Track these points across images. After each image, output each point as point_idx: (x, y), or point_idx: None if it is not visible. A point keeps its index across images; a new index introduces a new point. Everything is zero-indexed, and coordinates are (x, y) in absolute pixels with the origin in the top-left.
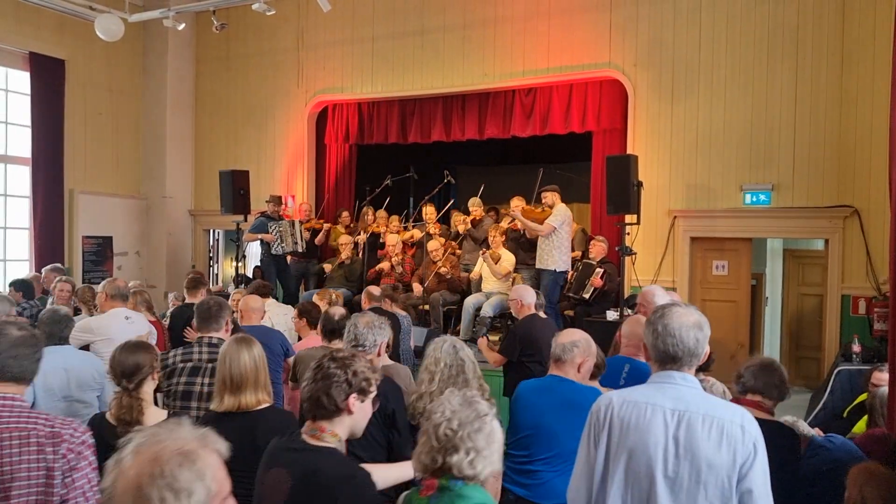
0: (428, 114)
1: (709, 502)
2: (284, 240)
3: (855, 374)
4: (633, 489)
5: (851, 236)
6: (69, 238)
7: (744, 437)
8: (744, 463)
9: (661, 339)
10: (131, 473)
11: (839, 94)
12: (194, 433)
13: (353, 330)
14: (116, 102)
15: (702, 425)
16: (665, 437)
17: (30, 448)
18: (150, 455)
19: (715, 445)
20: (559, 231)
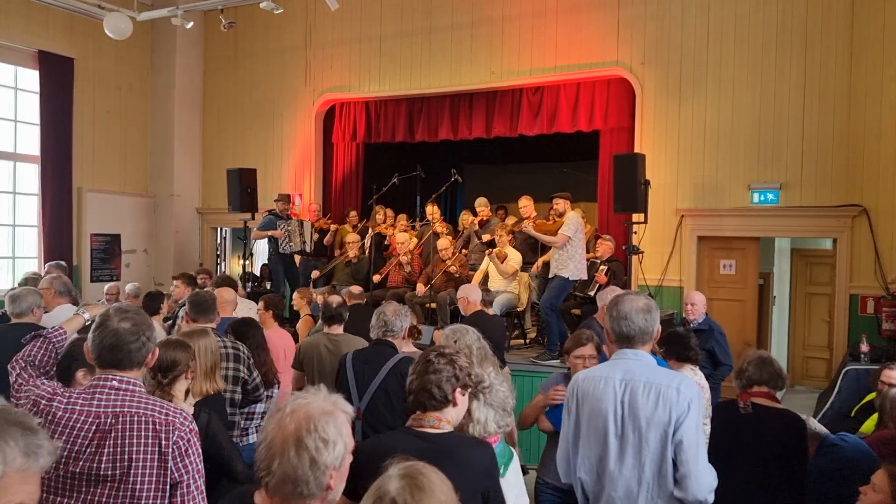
0: (435, 112)
1: (651, 453)
2: (293, 238)
3: (863, 373)
4: (592, 448)
5: (860, 235)
6: (77, 236)
7: (679, 398)
8: (678, 418)
9: (616, 322)
10: (291, 427)
11: (848, 92)
12: (330, 398)
13: (382, 317)
14: (125, 101)
15: (643, 391)
16: (614, 402)
17: (148, 433)
18: (303, 414)
19: (653, 406)
20: (573, 239)
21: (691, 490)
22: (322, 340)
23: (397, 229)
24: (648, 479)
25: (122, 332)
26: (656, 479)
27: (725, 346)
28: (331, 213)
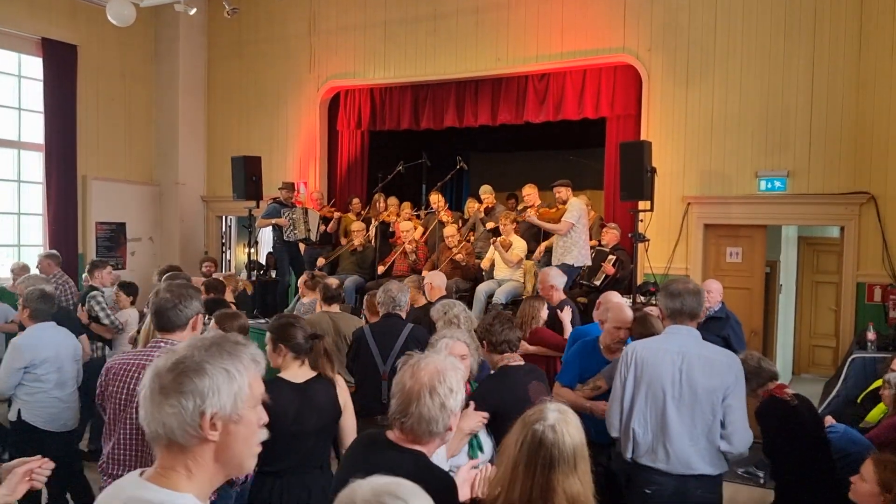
0: (441, 99)
1: (702, 413)
2: (297, 227)
3: (869, 361)
4: (650, 407)
5: (867, 223)
6: (83, 224)
7: (728, 370)
8: (727, 387)
9: (670, 301)
10: (425, 379)
11: (856, 78)
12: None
13: (389, 294)
14: (129, 88)
15: (699, 362)
16: (672, 370)
17: None
18: (433, 368)
19: (707, 376)
20: (577, 226)
21: (736, 444)
22: (324, 318)
23: (402, 218)
24: (699, 435)
25: (161, 301)
26: (706, 434)
27: (741, 334)
28: (335, 201)
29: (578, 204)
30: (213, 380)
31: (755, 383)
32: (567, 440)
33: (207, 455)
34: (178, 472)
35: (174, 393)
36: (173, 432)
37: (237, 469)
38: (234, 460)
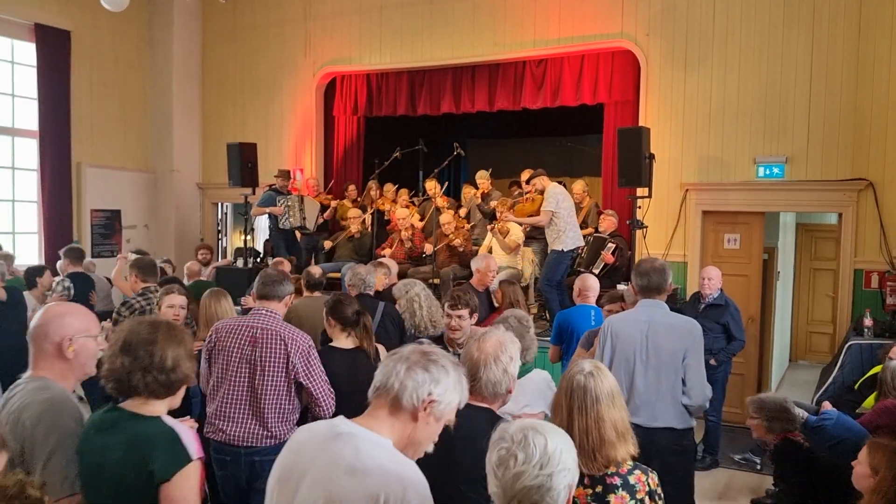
0: (437, 85)
1: (666, 372)
2: (292, 214)
3: (866, 348)
4: (622, 369)
5: (865, 210)
6: (77, 211)
7: (688, 335)
8: (687, 349)
9: (639, 278)
10: (489, 349)
11: (856, 64)
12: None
13: (359, 276)
14: (123, 75)
15: (664, 329)
16: (640, 336)
17: (277, 343)
18: (495, 340)
19: (670, 339)
20: (558, 212)
21: (695, 398)
22: (308, 301)
23: (398, 205)
24: (664, 392)
25: (267, 274)
26: (670, 391)
27: (740, 321)
28: (331, 187)
29: (554, 190)
30: (448, 382)
31: (778, 426)
32: (603, 382)
33: (406, 427)
34: (381, 422)
35: (422, 369)
36: (402, 394)
37: (414, 450)
38: (418, 446)
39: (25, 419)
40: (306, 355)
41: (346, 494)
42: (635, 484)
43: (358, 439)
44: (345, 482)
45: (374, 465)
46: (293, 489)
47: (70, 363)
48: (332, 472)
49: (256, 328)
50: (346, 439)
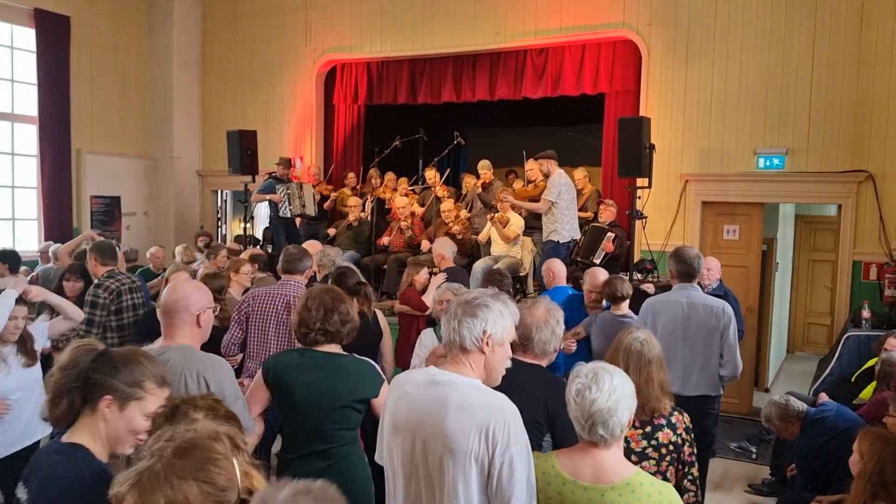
0: (438, 74)
1: (702, 347)
2: (292, 202)
3: (864, 339)
4: (665, 343)
5: (865, 201)
6: (77, 198)
7: (723, 314)
8: (724, 326)
9: (679, 265)
10: (539, 314)
11: (857, 56)
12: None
13: (329, 257)
14: (122, 61)
15: (702, 309)
16: (682, 315)
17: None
18: (542, 307)
19: (707, 318)
20: (558, 203)
21: (731, 370)
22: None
23: (398, 193)
24: (700, 363)
25: (290, 251)
26: (706, 363)
27: (739, 312)
28: (332, 175)
29: (558, 179)
30: (493, 314)
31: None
32: (654, 349)
33: (480, 361)
34: (464, 366)
35: (470, 317)
36: (465, 342)
37: (494, 375)
38: (494, 371)
39: (210, 382)
40: None
41: (460, 428)
42: (676, 423)
43: (455, 383)
44: (457, 419)
45: (478, 401)
46: (412, 432)
47: (201, 332)
48: (445, 412)
49: (289, 296)
50: (445, 385)
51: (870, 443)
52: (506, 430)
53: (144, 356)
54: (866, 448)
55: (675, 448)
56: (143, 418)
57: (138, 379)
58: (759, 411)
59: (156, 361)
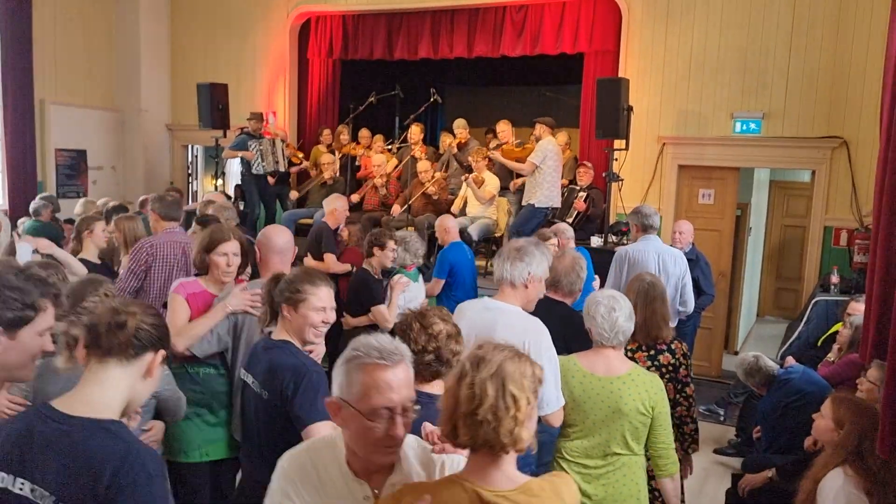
0: (415, 29)
1: (670, 289)
2: (265, 158)
3: (832, 304)
4: None
5: (838, 168)
6: (41, 150)
7: (683, 260)
8: (683, 271)
9: (642, 219)
10: (567, 262)
11: (836, 21)
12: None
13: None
14: (87, 7)
15: (668, 257)
16: (655, 263)
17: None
18: (570, 257)
19: (674, 265)
20: (542, 168)
21: (689, 306)
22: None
23: (374, 151)
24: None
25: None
26: (673, 300)
27: (710, 276)
28: (302, 144)
29: (547, 144)
30: (536, 259)
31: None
32: (657, 288)
33: (522, 294)
34: (510, 297)
35: (518, 261)
36: (514, 279)
37: (531, 304)
38: (531, 302)
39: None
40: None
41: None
42: (675, 349)
43: (503, 310)
44: (502, 334)
45: (519, 323)
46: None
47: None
48: (493, 331)
49: (183, 242)
50: (495, 310)
51: (850, 412)
52: (538, 344)
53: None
54: (846, 417)
55: (673, 369)
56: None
57: (300, 288)
58: (728, 374)
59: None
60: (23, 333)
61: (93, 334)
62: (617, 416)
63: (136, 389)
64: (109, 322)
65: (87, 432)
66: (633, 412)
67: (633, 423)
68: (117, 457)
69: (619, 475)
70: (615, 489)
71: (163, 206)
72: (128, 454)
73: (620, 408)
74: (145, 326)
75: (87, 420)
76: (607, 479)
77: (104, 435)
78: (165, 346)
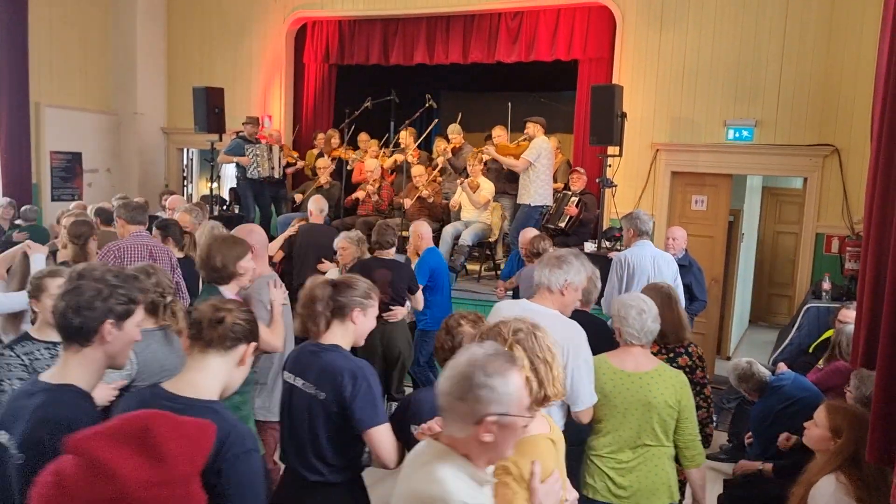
0: (411, 35)
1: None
2: (261, 164)
3: (823, 311)
4: (637, 287)
5: (830, 175)
6: (37, 153)
7: (675, 264)
8: (676, 272)
9: (637, 224)
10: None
11: (828, 29)
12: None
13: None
14: (84, 10)
15: (661, 260)
16: (651, 266)
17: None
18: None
19: (667, 268)
20: (536, 165)
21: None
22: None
23: (368, 155)
24: None
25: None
26: None
27: (702, 282)
28: (298, 146)
29: (540, 143)
30: (574, 268)
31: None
32: (675, 291)
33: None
34: (547, 301)
35: (557, 268)
36: (552, 285)
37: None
38: (568, 307)
39: None
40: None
41: None
42: (692, 352)
43: (541, 313)
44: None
45: (558, 324)
46: None
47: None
48: None
49: (149, 245)
50: (533, 312)
51: (848, 421)
52: (577, 346)
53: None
54: (844, 426)
55: (690, 370)
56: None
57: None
58: (721, 379)
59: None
60: (127, 324)
61: (196, 328)
62: (646, 409)
63: (231, 376)
64: (210, 318)
65: (195, 412)
66: (662, 405)
67: (662, 415)
68: (223, 433)
69: (650, 466)
70: (648, 480)
71: (128, 211)
72: (231, 431)
73: (650, 401)
74: (240, 322)
75: (194, 400)
76: (639, 470)
77: (210, 414)
78: (255, 339)
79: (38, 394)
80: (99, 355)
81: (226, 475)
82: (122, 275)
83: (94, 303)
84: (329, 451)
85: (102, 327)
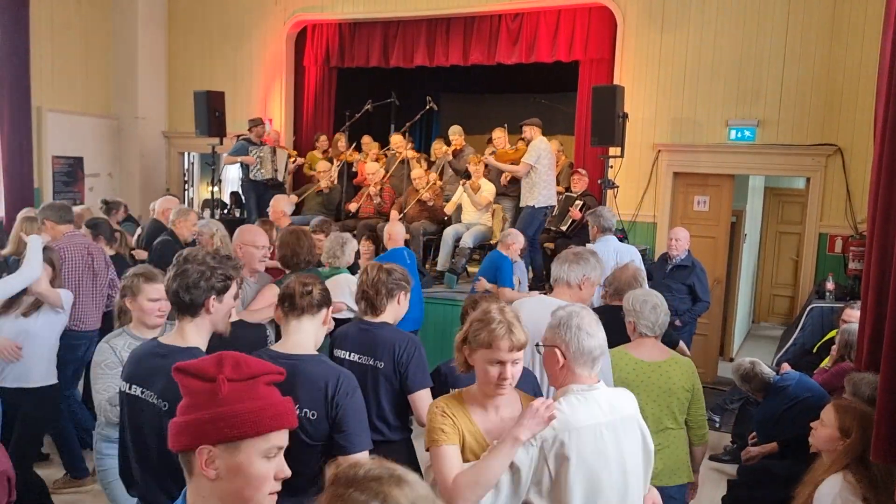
0: (411, 37)
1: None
2: (264, 166)
3: (827, 311)
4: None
5: (833, 175)
6: (38, 158)
7: (636, 252)
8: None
9: (605, 221)
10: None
11: (830, 29)
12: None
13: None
14: (85, 15)
15: (624, 252)
16: (614, 258)
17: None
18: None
19: (629, 259)
20: (537, 167)
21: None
22: None
23: (369, 158)
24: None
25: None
26: None
27: (705, 282)
28: (297, 137)
29: (539, 144)
30: (591, 264)
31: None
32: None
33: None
34: (566, 295)
35: (575, 264)
36: (570, 279)
37: (585, 302)
38: (585, 299)
39: None
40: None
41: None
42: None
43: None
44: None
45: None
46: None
47: None
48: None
49: (86, 244)
50: (549, 304)
51: (857, 421)
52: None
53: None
54: (853, 426)
55: None
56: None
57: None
58: (724, 381)
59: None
60: (225, 297)
61: (289, 300)
62: (667, 395)
63: (319, 334)
64: (301, 291)
65: (311, 364)
66: (680, 390)
67: (680, 399)
68: (334, 375)
69: (673, 448)
70: (671, 460)
71: (54, 212)
72: (340, 373)
73: (670, 387)
74: (321, 290)
75: (305, 355)
76: (664, 453)
77: (320, 363)
78: (331, 304)
79: (171, 354)
80: (206, 323)
81: (342, 407)
82: (218, 257)
83: (199, 282)
84: (391, 413)
85: (207, 301)
